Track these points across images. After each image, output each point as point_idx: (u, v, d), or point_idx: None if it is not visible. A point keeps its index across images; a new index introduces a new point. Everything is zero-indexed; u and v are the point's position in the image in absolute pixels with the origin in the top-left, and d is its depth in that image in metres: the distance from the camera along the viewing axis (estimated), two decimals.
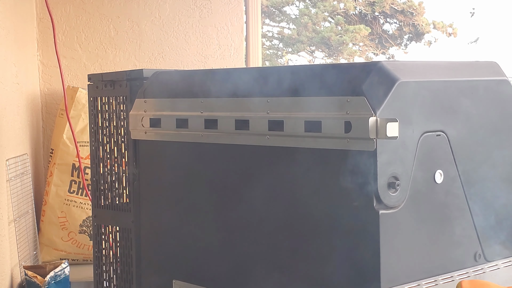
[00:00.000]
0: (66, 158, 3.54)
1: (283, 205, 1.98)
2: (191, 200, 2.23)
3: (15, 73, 3.32)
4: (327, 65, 2.17)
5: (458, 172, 1.94)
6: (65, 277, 3.09)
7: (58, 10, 3.82)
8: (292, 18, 14.60)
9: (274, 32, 14.75)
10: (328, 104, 1.86)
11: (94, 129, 2.57)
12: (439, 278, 1.90)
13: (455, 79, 1.99)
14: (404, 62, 1.97)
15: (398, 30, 14.49)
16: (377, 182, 1.76)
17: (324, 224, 1.89)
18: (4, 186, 3.05)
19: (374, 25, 14.38)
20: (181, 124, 2.23)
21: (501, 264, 2.07)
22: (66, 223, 3.54)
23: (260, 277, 2.05)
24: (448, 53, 14.78)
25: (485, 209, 2.01)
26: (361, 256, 1.80)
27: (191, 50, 3.93)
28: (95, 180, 2.58)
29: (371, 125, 1.75)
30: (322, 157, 1.88)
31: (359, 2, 14.35)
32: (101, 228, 2.58)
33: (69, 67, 3.84)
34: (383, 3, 14.04)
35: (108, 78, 2.51)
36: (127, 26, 3.89)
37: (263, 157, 2.02)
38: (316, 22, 14.06)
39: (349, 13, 14.26)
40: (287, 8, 14.64)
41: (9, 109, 3.19)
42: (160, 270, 2.35)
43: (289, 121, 1.94)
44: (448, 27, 14.26)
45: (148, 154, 2.37)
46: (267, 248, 2.02)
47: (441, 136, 1.90)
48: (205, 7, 3.94)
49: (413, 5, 14.16)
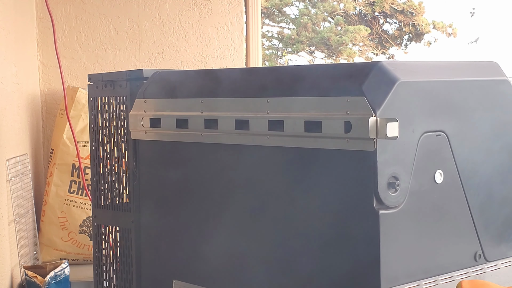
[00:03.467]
0: (66, 158, 3.54)
1: (283, 205, 1.98)
2: (191, 200, 2.23)
3: (15, 73, 3.32)
4: (327, 65, 2.17)
5: (458, 172, 1.94)
6: (65, 277, 3.09)
7: (58, 10, 3.82)
8: (292, 18, 14.61)
9: (274, 32, 14.76)
10: (328, 104, 1.86)
11: (94, 129, 2.57)
12: (439, 278, 1.90)
13: (455, 79, 1.99)
14: (404, 62, 1.97)
15: (398, 30, 14.50)
16: (377, 182, 1.76)
17: (324, 224, 1.89)
18: (4, 186, 3.05)
19: (374, 25, 14.38)
20: (181, 124, 2.23)
21: (501, 264, 2.07)
22: (66, 223, 3.54)
23: (260, 277, 2.05)
24: (448, 53, 14.79)
25: (485, 209, 2.01)
26: (361, 256, 1.80)
27: (191, 50, 3.93)
28: (95, 180, 2.58)
29: (371, 125, 1.75)
30: (322, 157, 1.88)
31: (359, 2, 14.35)
32: (101, 228, 2.58)
33: (69, 67, 3.84)
34: (383, 3, 14.05)
35: (108, 78, 2.51)
36: (127, 26, 3.89)
37: (263, 157, 2.02)
38: (316, 22, 14.07)
39: (349, 13, 14.26)
40: (286, 9, 14.66)
41: (9, 109, 3.19)
42: (160, 270, 2.35)
43: (289, 121, 1.94)
44: (448, 27, 14.27)
45: (148, 154, 2.37)
46: (267, 248, 2.02)
47: (441, 136, 1.90)
48: (205, 7, 3.94)
49: (413, 5, 14.16)
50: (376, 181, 1.76)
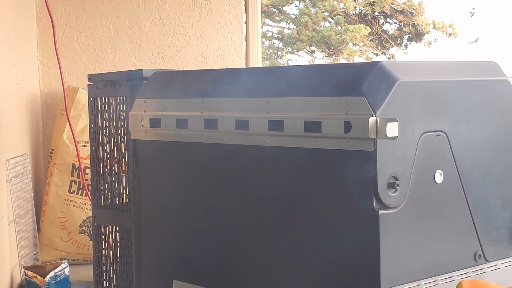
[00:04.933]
0: (66, 158, 3.55)
1: (282, 205, 1.98)
2: (191, 200, 2.23)
3: (15, 73, 3.32)
4: (327, 65, 2.17)
5: (458, 172, 1.94)
6: (65, 277, 3.09)
7: (58, 10, 3.82)
8: (292, 18, 14.61)
9: (274, 31, 14.75)
10: (328, 104, 1.86)
11: (94, 129, 2.57)
12: (439, 278, 1.90)
13: (455, 79, 1.99)
14: (404, 62, 1.97)
15: (398, 30, 14.50)
16: (377, 182, 1.76)
17: (324, 224, 1.89)
18: (4, 186, 3.05)
19: (374, 25, 14.38)
20: (181, 124, 2.23)
21: (501, 264, 2.07)
22: (66, 223, 3.54)
23: (260, 277, 2.05)
24: (448, 53, 14.80)
25: (485, 209, 2.01)
26: (361, 256, 1.80)
27: (191, 50, 3.93)
28: (95, 180, 2.58)
29: (371, 125, 1.75)
30: (322, 157, 1.88)
31: (359, 2, 14.35)
32: (101, 228, 2.58)
33: (69, 67, 3.84)
34: (383, 3, 14.04)
35: (108, 78, 2.51)
36: (127, 26, 3.89)
37: (263, 157, 2.02)
38: (316, 21, 14.07)
39: (349, 13, 14.26)
40: (287, 8, 14.66)
41: (9, 109, 3.19)
42: (160, 270, 2.35)
43: (289, 121, 1.94)
44: (448, 27, 14.27)
45: (148, 154, 2.37)
46: (267, 248, 2.02)
47: (441, 136, 1.90)
48: (205, 7, 3.94)
49: (413, 5, 14.16)
50: (376, 181, 1.76)
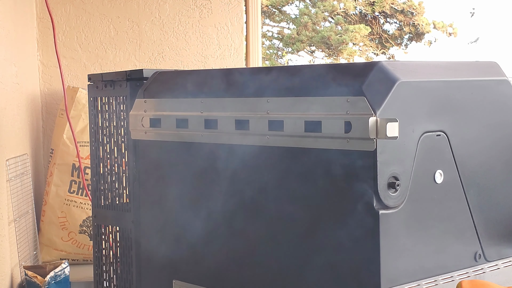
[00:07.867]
0: (66, 158, 3.54)
1: (282, 205, 1.98)
2: (191, 200, 2.23)
3: (15, 73, 3.32)
4: (327, 65, 2.17)
5: (458, 172, 1.94)
6: (65, 277, 3.09)
7: (58, 10, 3.82)
8: (292, 18, 14.61)
9: (274, 32, 14.75)
10: (328, 104, 1.86)
11: (94, 129, 2.57)
12: (439, 278, 1.90)
13: (455, 79, 1.99)
14: (404, 62, 1.97)
15: (398, 30, 14.50)
16: (377, 182, 1.76)
17: (324, 224, 1.89)
18: (4, 186, 3.05)
19: (374, 25, 14.38)
20: (181, 124, 2.23)
21: (501, 264, 2.07)
22: (66, 223, 3.54)
23: (260, 277, 2.05)
24: (448, 53, 14.80)
25: (485, 209, 2.01)
26: (361, 256, 1.80)
27: (191, 50, 3.93)
28: (95, 180, 2.58)
29: (371, 125, 1.75)
30: (322, 157, 1.88)
31: (359, 2, 14.35)
32: (101, 228, 2.58)
33: (69, 67, 3.84)
34: (383, 3, 14.04)
35: (108, 78, 2.51)
36: (127, 26, 3.89)
37: (263, 157, 2.02)
38: (316, 21, 14.07)
39: (349, 13, 14.26)
40: (287, 8, 14.66)
41: (9, 109, 3.19)
42: (160, 270, 2.35)
43: (289, 121, 1.94)
44: (448, 27, 14.27)
45: (148, 154, 2.37)
46: (267, 248, 2.02)
47: (441, 136, 1.90)
48: (205, 7, 3.94)
49: (413, 5, 14.16)
50: (376, 181, 1.76)
